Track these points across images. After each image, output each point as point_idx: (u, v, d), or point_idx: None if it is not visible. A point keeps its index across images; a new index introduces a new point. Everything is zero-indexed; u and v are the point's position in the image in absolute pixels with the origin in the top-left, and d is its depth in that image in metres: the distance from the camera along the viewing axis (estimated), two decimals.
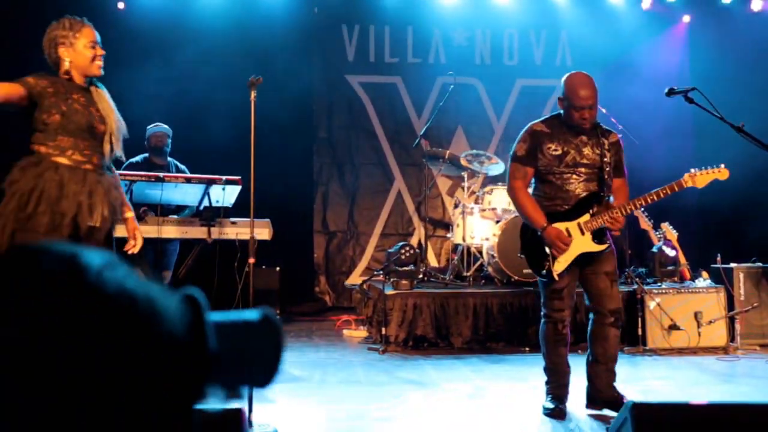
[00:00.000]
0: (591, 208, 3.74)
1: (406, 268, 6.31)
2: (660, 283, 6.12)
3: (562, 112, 3.80)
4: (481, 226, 6.69)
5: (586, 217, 3.73)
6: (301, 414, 3.86)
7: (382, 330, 5.76)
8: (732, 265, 6.08)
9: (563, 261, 3.70)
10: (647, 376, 4.86)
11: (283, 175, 7.66)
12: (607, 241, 3.79)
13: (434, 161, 7.19)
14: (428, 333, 5.85)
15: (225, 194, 5.03)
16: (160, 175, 5.00)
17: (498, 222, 6.53)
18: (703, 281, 6.07)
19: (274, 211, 5.41)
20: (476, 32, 8.80)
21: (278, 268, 7.38)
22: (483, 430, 3.66)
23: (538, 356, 4.12)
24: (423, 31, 8.69)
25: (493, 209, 6.69)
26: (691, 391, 4.44)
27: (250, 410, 3.30)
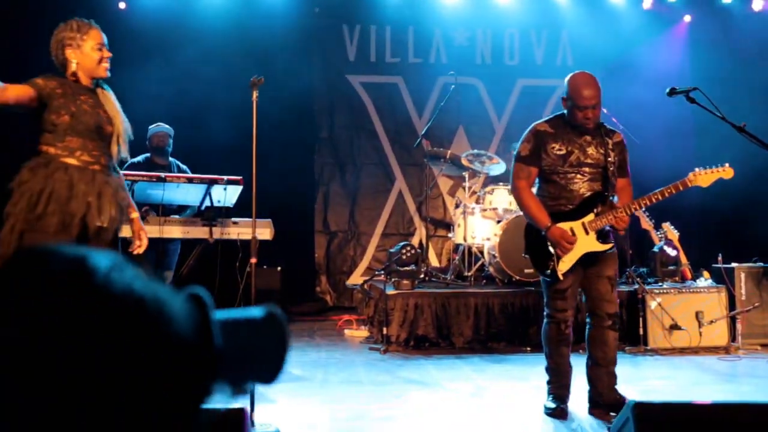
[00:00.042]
0: (595, 208, 3.74)
1: (407, 268, 6.31)
2: (661, 283, 6.13)
3: (565, 112, 3.79)
4: (482, 226, 6.69)
5: (591, 217, 3.73)
6: (303, 414, 3.87)
7: (384, 330, 5.76)
8: (733, 264, 6.08)
9: (568, 261, 3.70)
10: (648, 376, 4.86)
11: (284, 175, 7.66)
12: (611, 241, 3.79)
13: (435, 161, 7.19)
14: (429, 333, 5.85)
15: (226, 194, 5.03)
16: (162, 175, 4.99)
17: (499, 222, 6.53)
18: (705, 281, 6.07)
19: (275, 211, 5.40)
20: (477, 32, 8.80)
21: (279, 268, 7.39)
22: (484, 429, 3.67)
23: (539, 356, 4.12)
24: (424, 31, 8.69)
25: (494, 209, 6.69)
26: (693, 390, 4.44)
27: (252, 410, 3.31)
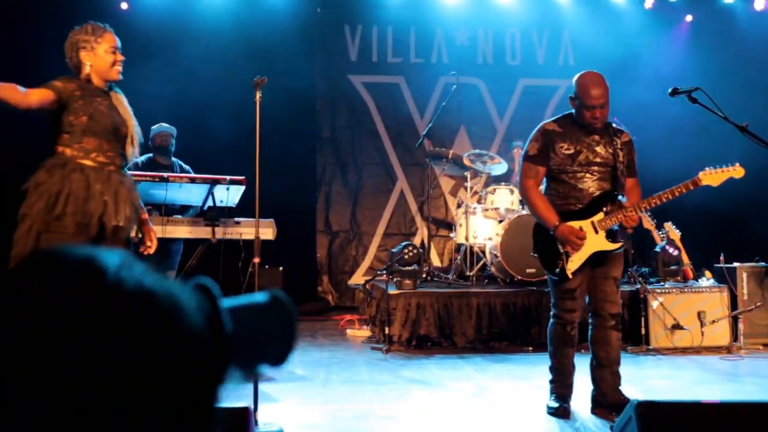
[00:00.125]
0: (604, 207, 3.74)
1: (409, 268, 6.32)
2: (663, 283, 6.13)
3: (573, 112, 3.80)
4: (483, 226, 6.69)
5: (600, 216, 3.73)
6: (306, 413, 3.87)
7: (386, 330, 5.77)
8: (735, 264, 6.08)
9: (577, 259, 3.69)
10: (651, 376, 4.86)
11: (286, 175, 7.67)
12: (620, 240, 3.79)
13: (437, 161, 7.20)
14: (431, 332, 5.86)
15: (229, 194, 5.03)
16: (165, 175, 5.00)
17: (501, 222, 6.54)
18: (707, 281, 6.07)
19: (277, 211, 5.41)
20: (478, 32, 8.81)
21: (281, 268, 7.39)
22: (487, 429, 3.67)
23: (541, 355, 4.13)
24: (425, 31, 8.70)
25: (496, 209, 6.69)
26: (695, 390, 4.44)
27: (256, 409, 3.32)
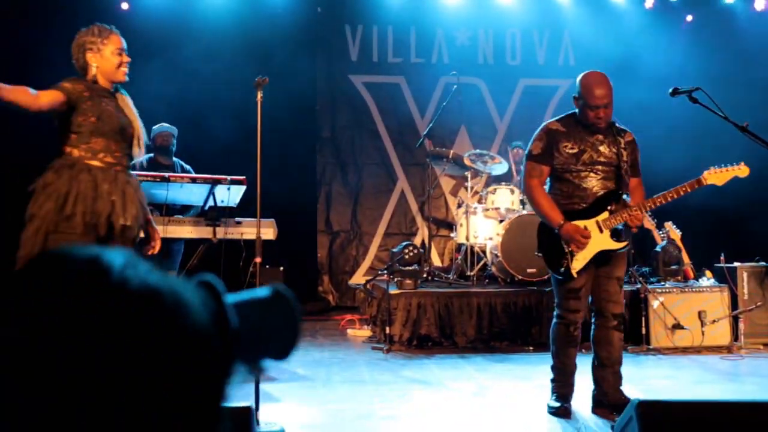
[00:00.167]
0: (609, 206, 3.73)
1: (409, 268, 6.32)
2: (663, 283, 6.13)
3: (577, 111, 3.80)
4: (484, 226, 6.70)
5: (605, 215, 3.73)
6: (307, 413, 3.88)
7: (387, 329, 5.77)
8: (735, 264, 6.08)
9: (581, 259, 3.68)
10: (651, 376, 4.86)
11: (286, 175, 7.67)
12: (625, 240, 3.79)
13: (438, 161, 7.20)
14: (432, 332, 5.86)
15: (230, 194, 5.04)
16: (166, 175, 5.01)
17: (501, 221, 6.54)
18: (707, 280, 6.08)
19: (278, 211, 5.42)
20: (479, 32, 8.81)
21: (282, 268, 7.39)
22: (488, 428, 3.67)
23: (542, 355, 4.13)
24: (426, 31, 8.70)
25: (497, 209, 6.69)
26: (695, 390, 4.45)
27: (257, 409, 3.32)
